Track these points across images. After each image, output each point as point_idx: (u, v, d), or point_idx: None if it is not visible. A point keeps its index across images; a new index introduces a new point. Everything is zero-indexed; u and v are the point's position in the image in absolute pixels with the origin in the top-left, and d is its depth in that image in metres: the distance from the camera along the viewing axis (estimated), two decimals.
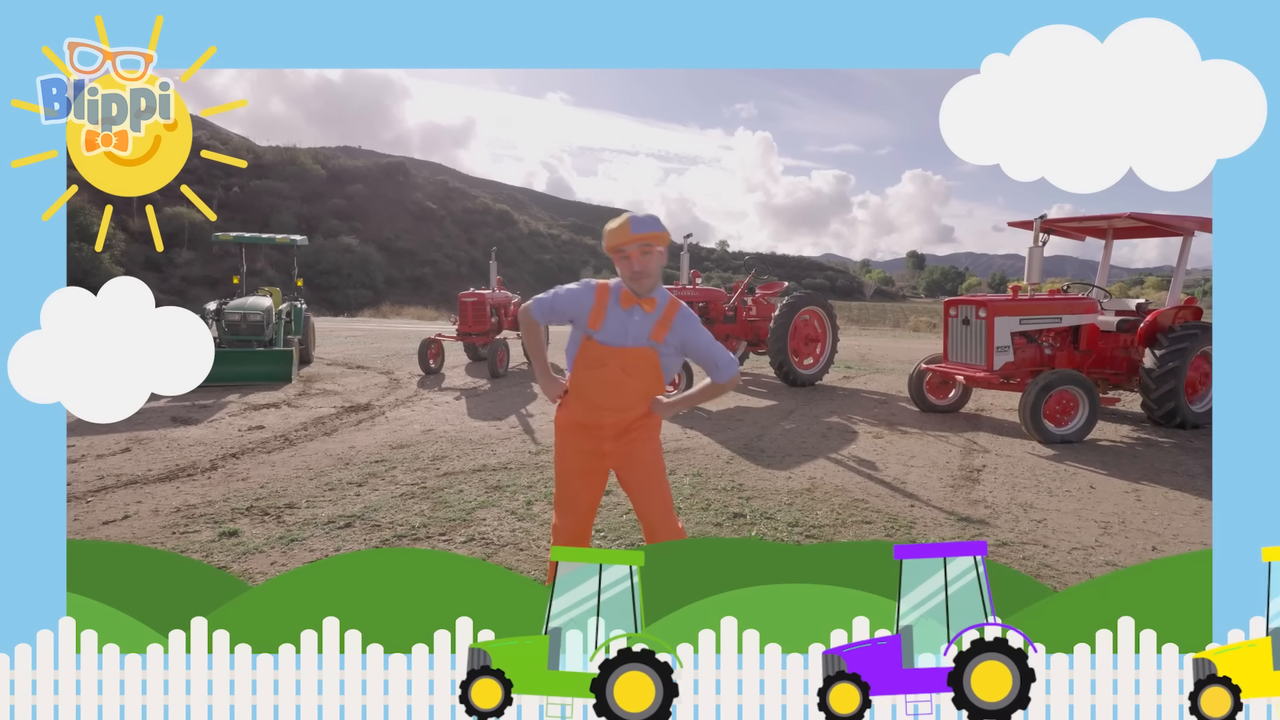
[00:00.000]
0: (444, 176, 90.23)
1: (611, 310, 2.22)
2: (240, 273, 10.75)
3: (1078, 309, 6.45)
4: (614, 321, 2.22)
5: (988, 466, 5.07)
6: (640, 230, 2.13)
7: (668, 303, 2.28)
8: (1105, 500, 4.33)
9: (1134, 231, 7.03)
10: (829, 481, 4.65)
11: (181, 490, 4.33)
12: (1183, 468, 5.10)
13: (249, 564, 3.22)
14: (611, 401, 2.25)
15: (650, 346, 2.23)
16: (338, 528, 3.68)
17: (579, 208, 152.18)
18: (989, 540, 3.61)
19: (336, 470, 4.78)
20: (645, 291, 2.22)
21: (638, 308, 2.23)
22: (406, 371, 9.70)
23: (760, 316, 9.07)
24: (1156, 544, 3.62)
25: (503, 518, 3.85)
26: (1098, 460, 5.29)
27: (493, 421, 6.49)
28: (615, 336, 2.22)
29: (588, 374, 2.24)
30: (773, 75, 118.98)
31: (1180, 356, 6.01)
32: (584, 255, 78.57)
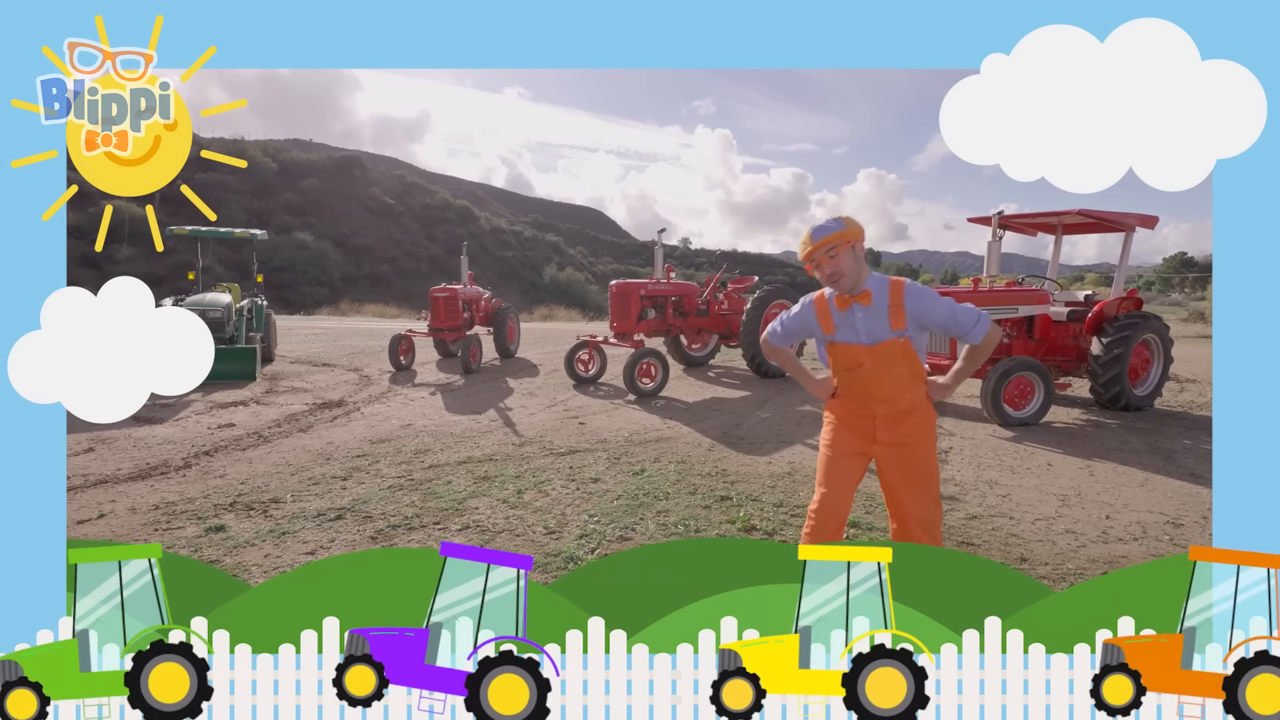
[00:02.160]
0: (401, 171, 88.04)
1: (835, 315, 2.30)
2: (195, 268, 10.35)
3: (1032, 300, 6.82)
4: (843, 323, 2.29)
5: (954, 448, 5.35)
6: (819, 237, 2.22)
7: (890, 289, 2.25)
8: (1062, 476, 4.64)
9: (1082, 227, 7.46)
10: (808, 465, 4.83)
11: (157, 488, 4.21)
12: (1129, 445, 5.49)
13: (241, 557, 3.18)
14: (876, 393, 2.29)
15: (896, 338, 2.24)
16: (328, 520, 3.65)
17: (540, 204, 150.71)
18: (960, 514, 3.84)
19: (318, 465, 4.71)
20: (847, 290, 2.25)
21: (855, 305, 2.26)
22: (376, 368, 9.53)
23: (732, 310, 9.26)
24: (1109, 513, 3.92)
25: (495, 506, 3.89)
26: (1053, 440, 5.64)
27: (472, 415, 6.48)
28: (851, 335, 2.29)
29: (846, 375, 2.34)
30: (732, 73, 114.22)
31: (1124, 344, 6.44)
32: (547, 253, 77.89)
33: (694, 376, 8.97)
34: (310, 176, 63.27)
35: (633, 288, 8.34)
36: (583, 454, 5.07)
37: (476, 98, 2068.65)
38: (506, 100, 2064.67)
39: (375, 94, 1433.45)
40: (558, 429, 5.89)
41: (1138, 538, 3.56)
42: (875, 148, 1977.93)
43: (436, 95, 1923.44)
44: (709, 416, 6.50)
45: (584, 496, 4.07)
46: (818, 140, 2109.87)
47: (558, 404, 7.07)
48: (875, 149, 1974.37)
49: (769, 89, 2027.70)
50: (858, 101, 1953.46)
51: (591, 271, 76.83)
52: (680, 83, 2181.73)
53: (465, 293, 9.98)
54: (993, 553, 3.31)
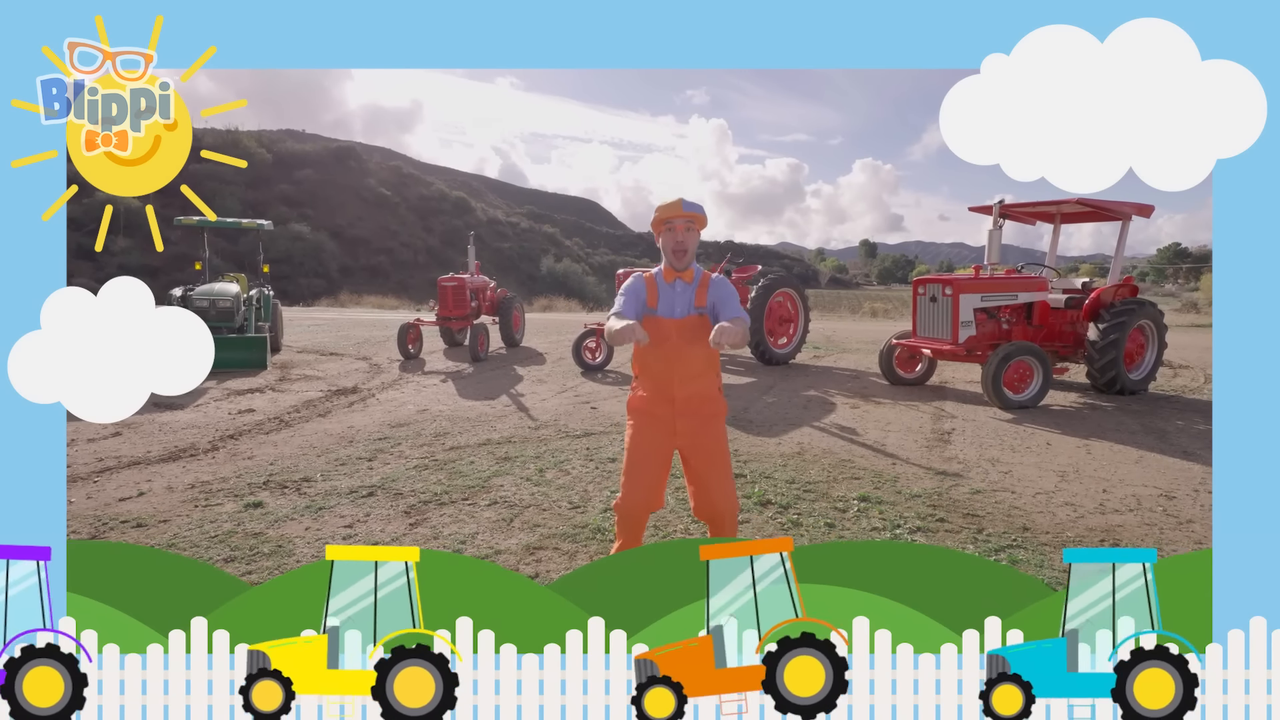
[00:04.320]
0: (397, 162, 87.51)
1: (661, 288, 2.51)
2: (202, 258, 10.42)
3: (1031, 287, 7.00)
4: (664, 296, 2.50)
5: (956, 430, 5.53)
6: (690, 209, 2.45)
7: (703, 275, 2.54)
8: (1061, 454, 4.83)
9: (1079, 216, 7.63)
10: (816, 445, 5.00)
11: (189, 469, 4.35)
12: (1124, 426, 5.69)
13: (284, 530, 3.33)
14: (677, 370, 2.46)
15: (699, 314, 2.48)
16: (360, 496, 3.80)
17: (535, 195, 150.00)
18: (964, 489, 4.02)
19: (341, 448, 4.86)
20: (684, 265, 2.50)
21: (679, 280, 2.51)
22: (384, 357, 9.65)
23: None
24: (1106, 487, 4.10)
25: (519, 484, 4.05)
26: (1051, 422, 5.83)
27: (486, 401, 6.62)
28: (668, 309, 2.50)
29: (654, 352, 2.48)
30: None
31: (1120, 330, 6.63)
32: (544, 244, 77.71)
33: None
34: (306, 167, 62.93)
35: None
36: (597, 436, 5.23)
37: (468, 87, 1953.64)
38: (499, 90, 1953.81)
39: (365, 84, 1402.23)
40: (571, 413, 6.05)
41: (1133, 509, 3.75)
42: (871, 138, 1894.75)
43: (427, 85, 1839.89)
44: None
45: (604, 474, 4.23)
46: (813, 131, 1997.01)
47: (568, 390, 7.22)
48: (871, 140, 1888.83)
49: (763, 79, 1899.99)
50: (852, 92, 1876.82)
51: (589, 263, 76.68)
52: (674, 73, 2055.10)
53: (472, 282, 10.10)
54: (996, 523, 3.49)
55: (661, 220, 2.47)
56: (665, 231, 2.47)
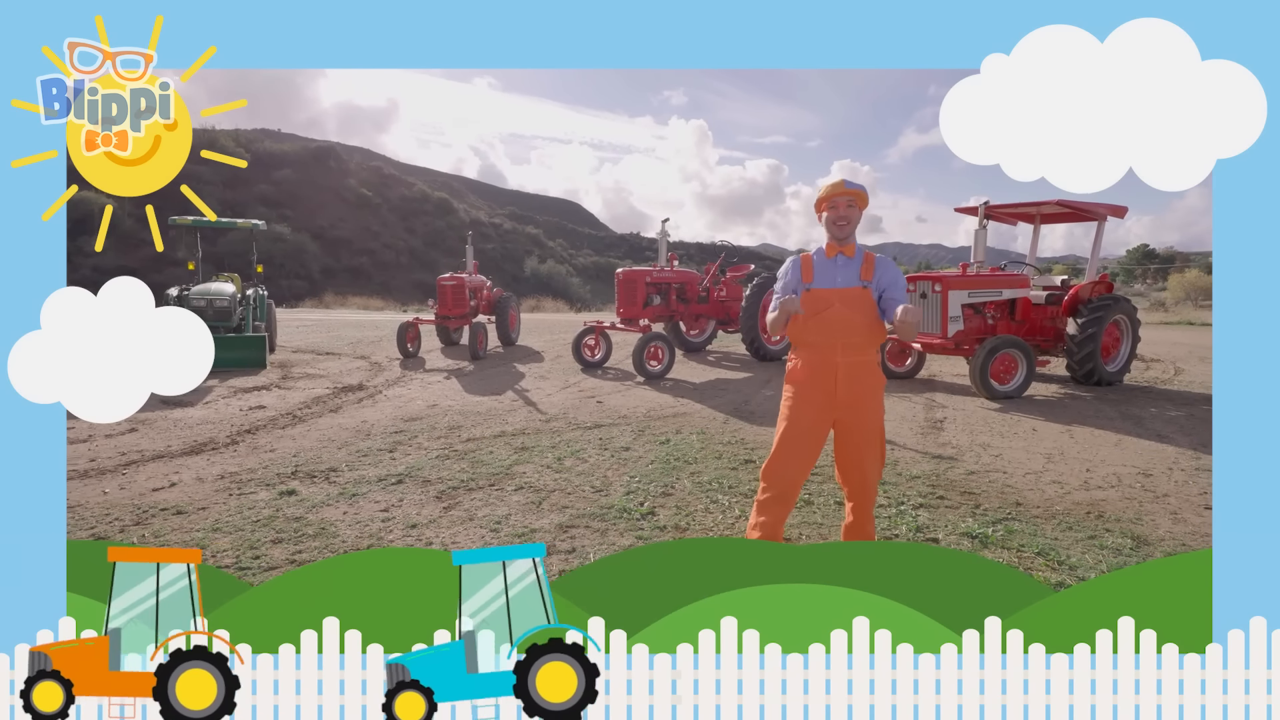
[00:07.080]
0: (377, 163, 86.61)
1: (818, 264, 2.59)
2: (195, 258, 10.39)
3: (1014, 284, 7.35)
4: (823, 271, 2.58)
5: (948, 418, 5.83)
6: (853, 186, 2.52)
7: (865, 253, 2.59)
8: (1046, 439, 5.14)
9: (1058, 217, 8.01)
10: None
11: (214, 461, 4.45)
12: (1103, 414, 6.04)
13: (324, 514, 3.47)
14: (840, 338, 2.49)
15: (863, 287, 2.52)
16: (390, 484, 3.95)
17: (516, 196, 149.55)
18: (960, 471, 4.29)
19: (360, 441, 4.98)
20: (846, 237, 2.55)
21: (840, 255, 2.57)
22: (383, 356, 9.73)
23: (730, 297, 9.67)
24: (1089, 467, 4.41)
25: (541, 471, 4.22)
26: (1035, 410, 6.16)
27: (493, 396, 6.77)
28: (828, 281, 2.56)
29: (814, 321, 2.54)
30: None
31: (1097, 324, 7.00)
32: (527, 245, 77.56)
33: (695, 361, 9.36)
34: (284, 167, 62.14)
35: (639, 275, 8.70)
36: (608, 427, 5.42)
37: (446, 87, 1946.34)
38: (476, 90, 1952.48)
39: (340, 82, 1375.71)
40: (578, 407, 6.23)
41: (1114, 485, 4.05)
42: (849, 140, 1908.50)
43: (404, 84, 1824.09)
44: (718, 395, 6.89)
45: (620, 462, 4.42)
46: (792, 133, 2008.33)
47: (571, 385, 7.40)
48: (849, 142, 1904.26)
49: (740, 81, 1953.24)
50: (830, 95, 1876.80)
51: (573, 264, 76.66)
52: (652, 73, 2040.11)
53: (471, 281, 10.22)
54: (991, 499, 3.76)
55: (825, 199, 2.55)
56: (828, 208, 2.54)
